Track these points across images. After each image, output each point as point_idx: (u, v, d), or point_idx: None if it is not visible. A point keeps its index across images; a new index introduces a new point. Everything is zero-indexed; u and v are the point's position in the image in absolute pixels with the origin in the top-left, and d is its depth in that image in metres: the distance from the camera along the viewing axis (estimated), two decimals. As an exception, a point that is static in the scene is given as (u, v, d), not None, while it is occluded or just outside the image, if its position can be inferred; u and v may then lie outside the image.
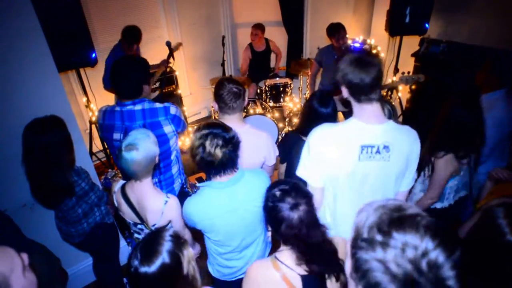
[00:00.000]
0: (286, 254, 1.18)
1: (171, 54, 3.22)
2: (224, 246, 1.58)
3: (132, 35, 3.16)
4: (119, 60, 1.84)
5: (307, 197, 1.15)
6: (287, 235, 1.12)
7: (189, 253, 1.07)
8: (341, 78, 1.31)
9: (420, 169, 1.87)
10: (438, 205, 1.93)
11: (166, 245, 1.01)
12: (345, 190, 1.42)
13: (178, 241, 1.05)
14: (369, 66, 1.24)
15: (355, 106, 1.35)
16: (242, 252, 1.63)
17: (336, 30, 3.40)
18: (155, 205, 1.48)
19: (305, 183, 1.47)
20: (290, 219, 1.10)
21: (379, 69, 1.25)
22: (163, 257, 0.99)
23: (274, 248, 1.85)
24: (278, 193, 1.16)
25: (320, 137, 1.40)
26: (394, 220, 0.64)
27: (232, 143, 1.36)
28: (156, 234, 1.05)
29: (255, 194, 1.46)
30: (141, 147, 1.39)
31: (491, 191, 1.88)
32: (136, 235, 1.68)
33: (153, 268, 0.97)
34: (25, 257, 0.85)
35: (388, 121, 1.34)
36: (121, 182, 1.62)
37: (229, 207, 1.45)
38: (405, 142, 1.35)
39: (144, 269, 0.97)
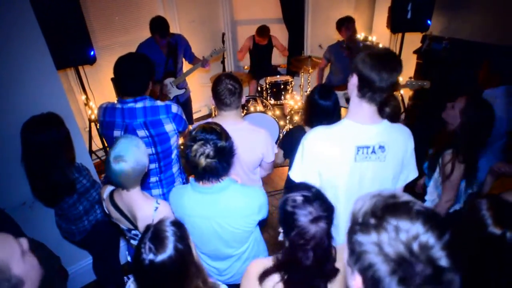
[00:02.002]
0: None
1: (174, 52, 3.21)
2: (196, 245, 1.57)
3: (151, 27, 3.05)
4: (123, 57, 1.82)
5: (329, 211, 1.04)
6: (293, 241, 1.03)
7: (191, 240, 1.09)
8: (359, 68, 1.22)
9: (431, 168, 1.87)
10: (457, 207, 1.91)
11: (170, 231, 1.02)
12: (344, 193, 1.40)
13: (180, 227, 1.06)
14: (394, 70, 1.19)
15: (354, 102, 1.31)
16: (214, 261, 1.60)
17: (345, 20, 3.54)
18: (145, 212, 1.44)
19: None
20: (305, 229, 1.00)
21: (399, 73, 1.21)
22: (173, 241, 1.00)
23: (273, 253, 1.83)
24: (299, 198, 1.05)
25: (315, 139, 1.36)
26: (388, 206, 0.67)
27: (222, 153, 1.31)
28: (158, 224, 1.05)
29: (233, 213, 1.41)
30: (130, 158, 1.35)
31: (493, 187, 1.88)
32: (132, 241, 1.64)
33: (167, 254, 0.97)
34: (24, 242, 0.88)
35: (382, 121, 1.32)
36: (109, 188, 1.58)
37: (201, 213, 1.42)
38: (400, 141, 1.33)
39: (160, 257, 0.97)
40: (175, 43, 3.25)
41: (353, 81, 1.27)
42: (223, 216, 1.41)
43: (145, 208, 1.45)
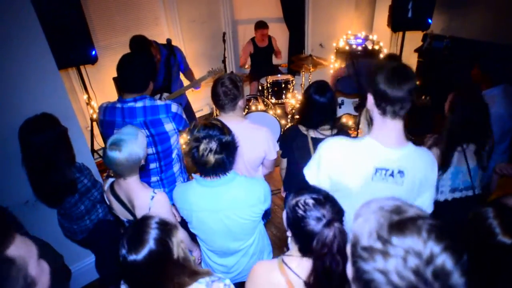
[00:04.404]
0: (296, 261, 1.11)
1: (172, 52, 3.18)
2: (203, 242, 1.59)
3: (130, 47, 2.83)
4: (127, 54, 1.85)
5: (340, 214, 1.03)
6: (316, 252, 1.00)
7: (178, 237, 1.07)
8: (372, 85, 1.20)
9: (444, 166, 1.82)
10: (441, 197, 1.89)
11: (153, 233, 1.01)
12: (354, 208, 1.38)
13: (165, 227, 1.05)
14: (405, 78, 1.16)
15: (377, 120, 1.26)
16: (222, 258, 1.61)
17: None
18: (141, 201, 1.47)
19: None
20: (324, 236, 0.98)
21: (414, 83, 1.17)
22: (150, 245, 0.99)
23: (276, 250, 1.83)
24: (310, 201, 1.03)
25: (334, 150, 1.33)
26: (393, 224, 0.60)
27: (228, 148, 1.32)
28: (142, 222, 1.05)
29: (240, 204, 1.43)
30: (125, 148, 1.36)
31: (499, 185, 1.88)
32: None
33: (140, 256, 0.98)
34: (37, 249, 0.91)
35: (407, 145, 1.25)
36: (111, 180, 1.60)
37: (209, 207, 1.43)
38: (421, 168, 1.29)
39: (132, 257, 0.98)
40: (166, 57, 3.05)
41: (370, 100, 1.25)
42: (230, 208, 1.43)
43: (142, 196, 1.47)
